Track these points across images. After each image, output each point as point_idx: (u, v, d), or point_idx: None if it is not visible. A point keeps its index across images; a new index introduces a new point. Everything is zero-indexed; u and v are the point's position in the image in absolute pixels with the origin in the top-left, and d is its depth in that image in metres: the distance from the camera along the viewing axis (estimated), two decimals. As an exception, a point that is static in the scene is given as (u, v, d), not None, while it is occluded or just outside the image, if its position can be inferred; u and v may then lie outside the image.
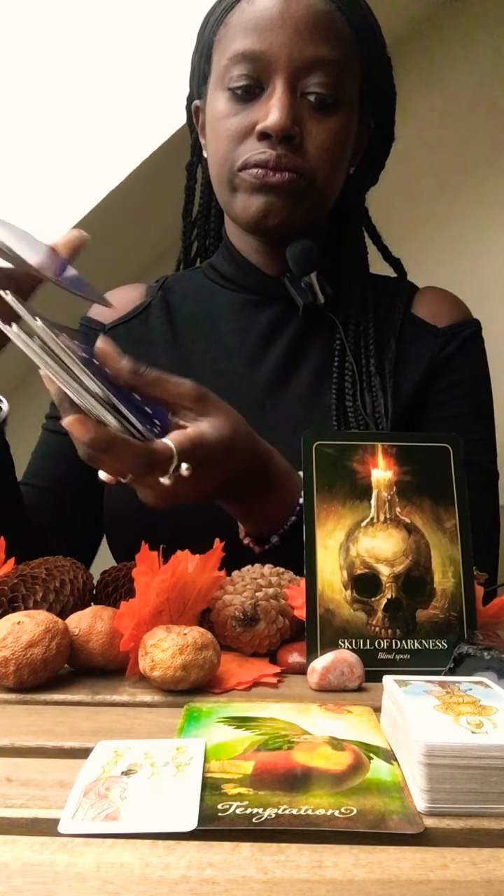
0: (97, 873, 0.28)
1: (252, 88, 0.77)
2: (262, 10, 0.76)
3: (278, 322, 0.87)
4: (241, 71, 0.77)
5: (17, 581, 0.57)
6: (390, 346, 0.85)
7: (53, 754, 0.40)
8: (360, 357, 0.85)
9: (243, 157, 0.77)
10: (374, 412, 0.81)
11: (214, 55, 0.81)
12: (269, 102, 0.76)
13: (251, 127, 0.77)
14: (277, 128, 0.74)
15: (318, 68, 0.76)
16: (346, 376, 0.83)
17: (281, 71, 0.75)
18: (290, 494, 0.66)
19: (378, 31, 0.83)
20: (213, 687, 0.50)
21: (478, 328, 0.90)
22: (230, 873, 0.29)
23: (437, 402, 0.85)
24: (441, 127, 1.73)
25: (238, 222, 0.84)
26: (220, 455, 0.57)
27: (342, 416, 0.81)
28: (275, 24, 0.75)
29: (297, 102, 0.76)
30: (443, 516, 0.57)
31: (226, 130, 0.79)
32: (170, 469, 0.53)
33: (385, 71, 0.86)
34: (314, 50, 0.75)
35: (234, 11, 0.78)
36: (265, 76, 0.76)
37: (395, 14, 1.56)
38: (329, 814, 0.32)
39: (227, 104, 0.79)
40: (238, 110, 0.78)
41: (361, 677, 0.51)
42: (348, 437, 0.61)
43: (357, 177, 0.90)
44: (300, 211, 0.80)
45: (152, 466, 0.53)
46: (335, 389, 0.82)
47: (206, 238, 0.97)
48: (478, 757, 0.33)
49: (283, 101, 0.75)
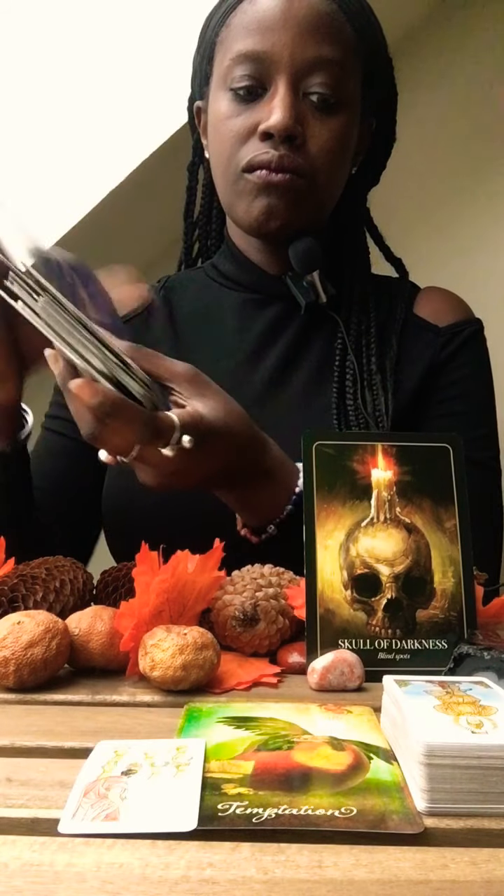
0: (97, 873, 0.28)
1: (254, 89, 0.77)
2: (265, 11, 0.76)
3: (279, 321, 0.87)
4: (244, 71, 0.77)
5: (17, 581, 0.58)
6: (391, 346, 0.85)
7: (53, 754, 0.40)
8: (361, 356, 0.85)
9: (247, 158, 0.78)
10: (374, 411, 0.81)
11: (217, 56, 0.82)
12: (271, 103, 0.76)
13: (254, 127, 0.77)
14: (280, 127, 0.75)
15: (321, 68, 0.76)
16: (346, 375, 0.83)
17: (283, 71, 0.76)
18: (288, 483, 0.66)
19: (380, 31, 0.83)
20: (213, 687, 0.50)
21: (479, 327, 0.91)
22: (230, 873, 0.29)
23: (439, 400, 0.86)
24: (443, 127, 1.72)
25: (240, 225, 0.84)
26: (218, 434, 0.58)
27: (342, 414, 0.81)
28: (277, 25, 0.75)
29: (299, 102, 0.77)
30: (443, 516, 0.57)
31: (228, 131, 0.79)
32: (172, 439, 0.54)
33: (386, 71, 0.87)
34: (316, 50, 0.75)
35: (236, 12, 0.79)
36: (267, 77, 0.77)
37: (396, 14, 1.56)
38: (329, 814, 0.32)
39: (230, 105, 0.79)
40: (240, 111, 0.78)
41: (361, 677, 0.51)
42: (348, 437, 0.61)
43: (358, 177, 0.90)
44: (302, 212, 0.80)
45: (156, 434, 0.53)
46: (336, 388, 0.82)
47: (207, 238, 0.97)
48: (478, 757, 0.33)
49: (286, 101, 0.75)
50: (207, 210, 0.95)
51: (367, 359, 0.84)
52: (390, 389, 0.82)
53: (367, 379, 0.83)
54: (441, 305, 0.91)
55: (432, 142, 1.71)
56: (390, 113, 0.90)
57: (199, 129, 0.90)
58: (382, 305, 0.89)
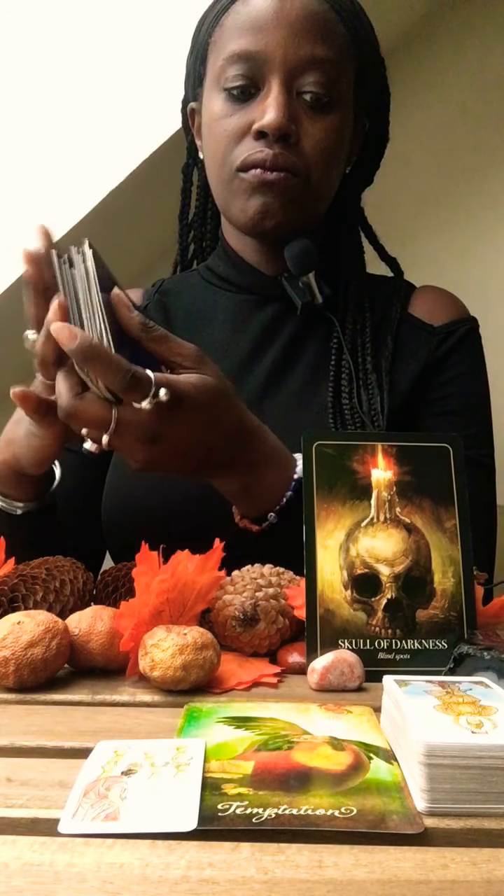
0: (97, 873, 0.28)
1: (248, 89, 0.78)
2: (257, 11, 0.76)
3: (275, 322, 0.87)
4: (237, 71, 0.77)
5: (17, 581, 0.58)
6: (387, 345, 0.86)
7: (53, 754, 0.40)
8: (357, 355, 0.85)
9: (241, 158, 0.78)
10: (370, 410, 0.81)
11: (210, 56, 0.82)
12: (265, 102, 0.76)
13: (248, 126, 0.77)
14: (274, 126, 0.75)
15: (313, 68, 0.76)
16: (342, 374, 0.83)
17: (276, 70, 0.76)
18: (286, 470, 0.66)
19: (372, 31, 0.84)
20: (213, 687, 0.50)
21: (474, 325, 0.91)
22: (230, 873, 0.29)
23: (434, 398, 0.86)
24: (440, 126, 1.73)
25: (236, 224, 0.84)
26: (196, 402, 0.57)
27: (338, 413, 0.81)
28: (270, 25, 0.76)
29: (292, 101, 0.77)
30: (443, 516, 0.57)
31: (223, 131, 0.79)
32: (149, 392, 0.54)
33: (379, 71, 0.87)
34: (309, 49, 0.76)
35: (229, 13, 0.79)
36: (261, 76, 0.77)
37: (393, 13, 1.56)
38: (329, 814, 0.32)
39: (224, 105, 0.79)
40: (234, 110, 0.78)
41: (361, 677, 0.51)
42: (348, 437, 0.61)
43: (352, 177, 0.90)
44: (296, 211, 0.80)
45: (133, 384, 0.53)
46: (331, 387, 0.82)
47: (202, 240, 0.97)
48: (478, 757, 0.33)
49: (279, 100, 0.75)
50: (202, 211, 0.95)
51: (362, 358, 0.85)
52: (386, 388, 0.83)
53: (362, 378, 0.83)
54: (436, 304, 0.91)
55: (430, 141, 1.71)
56: (383, 112, 0.90)
57: (193, 131, 0.90)
58: (378, 305, 0.89)
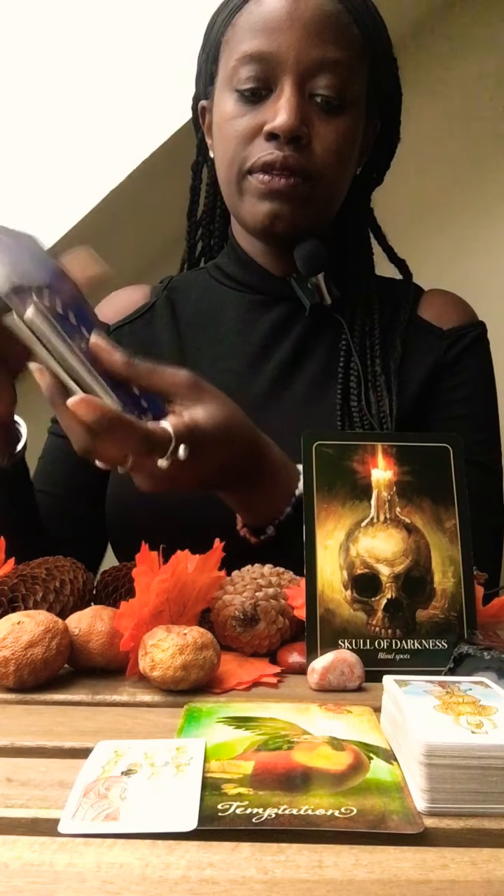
0: (97, 873, 0.28)
1: (260, 90, 0.77)
2: (270, 12, 0.76)
3: (283, 323, 0.87)
4: (249, 72, 0.77)
5: (17, 581, 0.58)
6: (396, 347, 0.85)
7: (53, 754, 0.40)
8: (366, 357, 0.85)
9: (252, 159, 0.77)
10: (378, 412, 0.81)
11: (222, 56, 0.81)
12: (277, 103, 0.76)
13: (259, 128, 0.77)
14: (286, 128, 0.74)
15: (326, 69, 0.76)
16: (350, 376, 0.83)
17: (289, 72, 0.75)
18: (288, 485, 0.66)
19: (385, 31, 0.83)
20: (213, 687, 0.50)
21: (483, 330, 0.91)
22: (230, 873, 0.29)
23: (442, 402, 0.86)
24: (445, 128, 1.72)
25: (245, 226, 0.84)
26: (215, 440, 0.58)
27: (346, 415, 0.81)
28: (283, 25, 0.75)
29: (305, 103, 0.76)
30: (443, 516, 0.57)
31: (234, 131, 0.79)
32: (168, 451, 0.54)
33: (391, 72, 0.86)
34: (322, 51, 0.75)
35: (241, 12, 0.78)
36: (273, 77, 0.76)
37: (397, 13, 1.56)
38: (329, 814, 0.32)
39: (235, 105, 0.79)
40: (246, 111, 0.78)
41: (361, 677, 0.51)
42: (348, 437, 0.61)
43: (363, 178, 0.90)
44: (307, 214, 0.80)
45: (151, 448, 0.54)
46: (340, 389, 0.82)
47: (210, 238, 0.97)
48: (478, 757, 0.33)
49: (292, 102, 0.75)
50: (211, 209, 0.95)
51: (371, 360, 0.84)
52: (394, 391, 0.82)
53: (371, 381, 0.83)
54: (445, 308, 0.91)
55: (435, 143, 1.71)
56: (395, 113, 0.90)
57: (204, 129, 0.90)
58: (386, 307, 0.89)
